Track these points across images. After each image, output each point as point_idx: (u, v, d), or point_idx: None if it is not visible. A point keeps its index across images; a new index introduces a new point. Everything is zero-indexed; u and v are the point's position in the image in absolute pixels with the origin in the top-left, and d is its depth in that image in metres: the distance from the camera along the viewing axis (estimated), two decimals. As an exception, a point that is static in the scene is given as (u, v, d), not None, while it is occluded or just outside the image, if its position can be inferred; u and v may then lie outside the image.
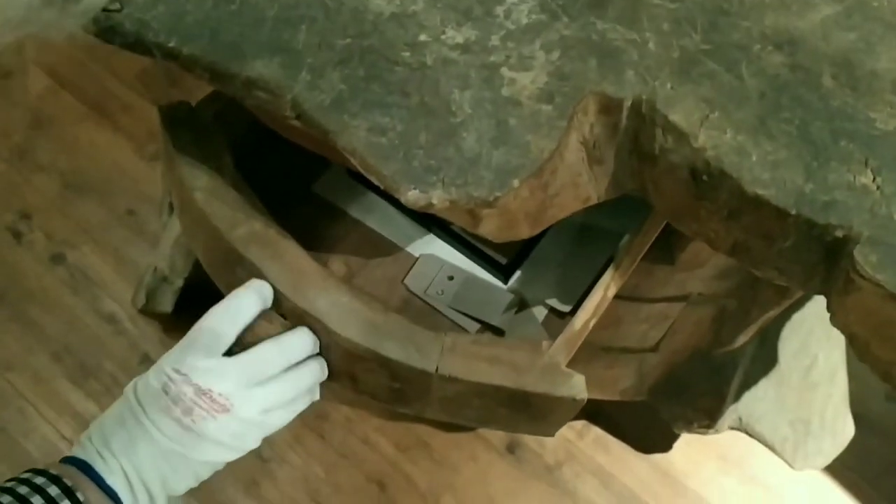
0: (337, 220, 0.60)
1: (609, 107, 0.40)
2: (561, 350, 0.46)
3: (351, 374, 0.48)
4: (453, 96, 0.40)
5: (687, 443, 1.10)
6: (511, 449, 1.09)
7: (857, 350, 0.42)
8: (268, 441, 1.08)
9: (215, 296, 0.52)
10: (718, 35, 0.42)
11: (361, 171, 0.39)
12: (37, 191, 1.24)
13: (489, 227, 0.42)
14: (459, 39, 0.41)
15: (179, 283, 1.08)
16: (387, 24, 0.41)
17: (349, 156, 0.39)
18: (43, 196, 1.25)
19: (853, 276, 0.37)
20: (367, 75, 0.40)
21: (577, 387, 0.46)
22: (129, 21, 0.42)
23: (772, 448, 0.85)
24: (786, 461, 0.88)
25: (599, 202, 0.45)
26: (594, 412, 1.11)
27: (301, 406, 0.46)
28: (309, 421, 1.09)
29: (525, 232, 0.44)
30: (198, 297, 1.05)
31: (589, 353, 0.74)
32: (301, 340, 0.44)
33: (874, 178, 0.38)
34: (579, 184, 0.43)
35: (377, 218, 0.59)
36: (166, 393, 0.41)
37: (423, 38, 0.41)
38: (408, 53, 0.41)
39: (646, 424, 1.10)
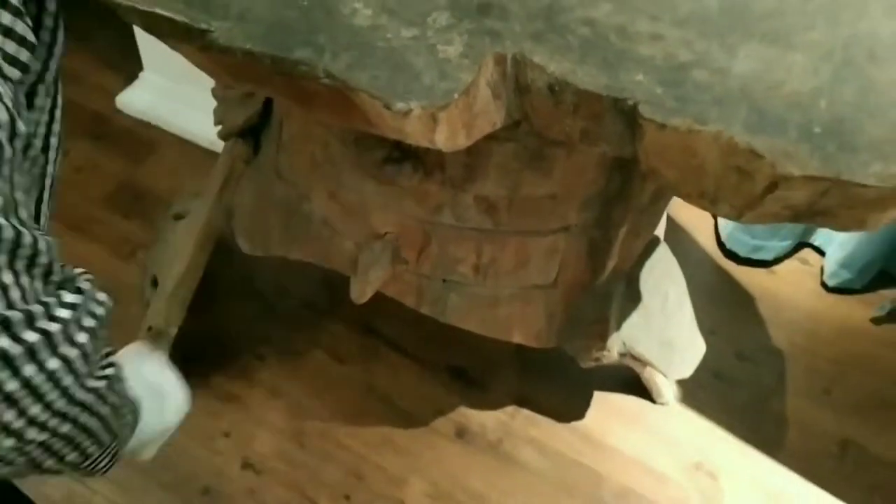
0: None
1: (500, 59, 0.71)
2: None
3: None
4: (413, 61, 0.69)
5: (596, 410, 1.36)
6: (460, 434, 1.32)
7: (656, 180, 0.72)
8: (258, 455, 1.27)
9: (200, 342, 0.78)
10: (555, 22, 0.74)
11: (368, 98, 0.67)
12: (27, 294, 1.43)
13: (441, 137, 0.70)
14: (411, 34, 0.71)
15: (174, 331, 1.29)
16: (367, 31, 0.72)
17: (358, 91, 0.67)
18: (34, 297, 1.43)
19: (640, 121, 0.67)
20: (364, 53, 0.69)
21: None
22: (223, 38, 0.70)
23: (650, 363, 1.13)
24: (662, 372, 1.16)
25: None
26: (522, 398, 1.37)
27: None
28: (288, 435, 1.29)
29: (462, 142, 0.72)
30: (184, 348, 1.33)
31: (511, 293, 1.02)
32: None
33: (642, 77, 0.70)
34: (489, 111, 0.73)
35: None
36: None
37: (389, 35, 0.71)
38: (383, 43, 0.71)
39: (562, 401, 1.36)
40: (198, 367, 1.35)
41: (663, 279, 1.14)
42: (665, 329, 1.13)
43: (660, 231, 1.19)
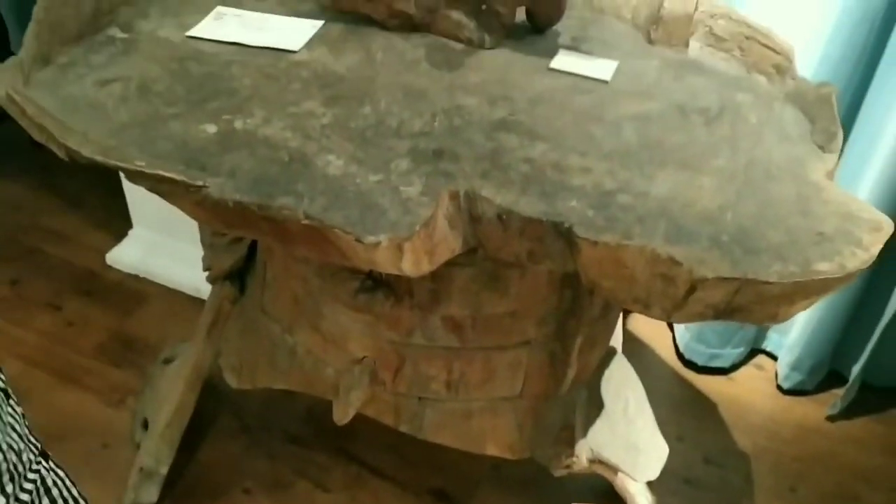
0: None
1: (454, 195, 0.82)
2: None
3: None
4: (379, 200, 0.81)
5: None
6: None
7: (597, 291, 0.82)
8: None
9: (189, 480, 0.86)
10: (499, 162, 0.86)
11: (340, 233, 0.77)
12: (20, 446, 1.47)
13: (407, 264, 0.80)
14: (377, 179, 0.83)
15: (165, 470, 1.33)
16: (339, 178, 0.83)
17: (333, 228, 0.77)
18: (26, 448, 1.47)
19: (576, 240, 0.78)
20: (337, 197, 0.80)
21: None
22: (217, 192, 0.80)
23: (619, 468, 1.18)
24: (629, 476, 1.21)
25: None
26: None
27: None
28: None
29: (426, 267, 0.82)
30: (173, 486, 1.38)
31: (482, 406, 1.09)
32: None
33: (576, 203, 0.81)
34: (448, 239, 0.83)
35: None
36: None
37: (358, 181, 0.83)
38: (353, 187, 0.82)
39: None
40: (187, 504, 1.38)
41: (622, 386, 1.22)
42: (628, 433, 1.20)
43: (617, 343, 1.28)
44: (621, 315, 1.36)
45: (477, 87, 0.99)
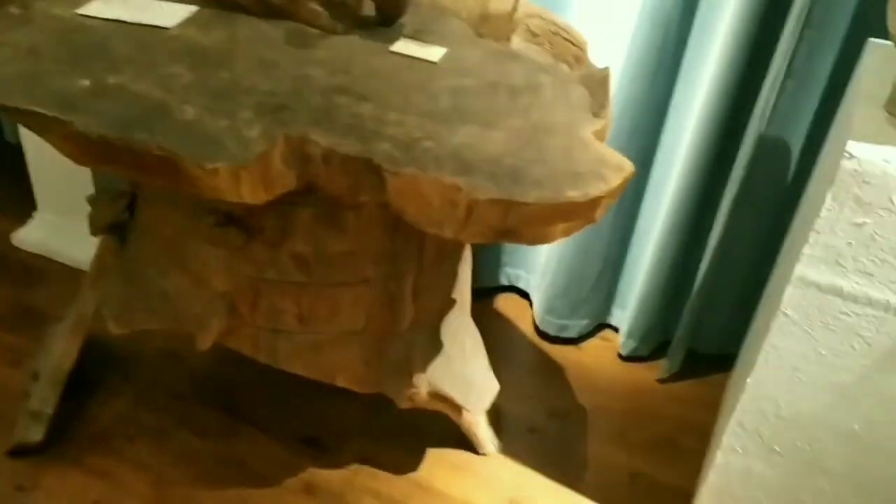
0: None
1: (287, 139, 0.98)
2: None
3: None
4: (224, 139, 0.96)
5: (428, 463, 1.55)
6: (307, 490, 1.48)
7: (403, 216, 0.99)
8: None
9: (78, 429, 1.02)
10: (329, 115, 1.03)
11: (187, 161, 0.92)
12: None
13: (245, 190, 0.96)
14: (225, 124, 0.99)
15: (50, 411, 1.43)
16: (191, 123, 0.98)
17: (182, 157, 0.92)
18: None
19: (383, 173, 0.95)
20: (188, 135, 0.96)
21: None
22: (82, 126, 0.95)
23: (454, 400, 1.35)
24: (463, 407, 1.38)
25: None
26: (365, 457, 1.55)
27: None
28: (152, 501, 1.41)
29: (263, 196, 0.98)
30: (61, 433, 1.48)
31: (330, 339, 1.24)
32: None
33: (387, 146, 0.99)
34: (284, 176, 0.99)
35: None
36: None
37: (208, 125, 0.98)
38: (202, 130, 0.97)
39: (399, 458, 1.55)
40: (72, 449, 1.48)
41: (460, 332, 1.38)
42: (464, 371, 1.36)
43: (462, 301, 1.45)
44: (470, 282, 1.53)
45: (323, 62, 1.16)
